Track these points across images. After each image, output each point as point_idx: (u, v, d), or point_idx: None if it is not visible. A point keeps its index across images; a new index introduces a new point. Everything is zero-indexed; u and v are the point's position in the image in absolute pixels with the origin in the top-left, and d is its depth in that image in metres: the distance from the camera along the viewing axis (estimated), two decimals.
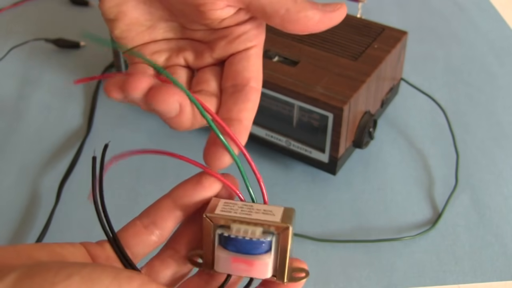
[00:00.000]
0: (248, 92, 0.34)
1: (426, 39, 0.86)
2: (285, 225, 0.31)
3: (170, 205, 0.34)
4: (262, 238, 0.31)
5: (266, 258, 0.31)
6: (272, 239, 0.31)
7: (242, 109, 0.34)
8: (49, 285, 0.25)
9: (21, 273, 0.26)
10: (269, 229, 0.31)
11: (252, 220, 0.31)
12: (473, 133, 0.70)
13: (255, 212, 0.32)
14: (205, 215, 0.32)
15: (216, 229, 0.32)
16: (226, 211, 0.32)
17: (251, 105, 0.34)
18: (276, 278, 0.32)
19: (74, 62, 0.79)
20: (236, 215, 0.31)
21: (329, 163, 0.60)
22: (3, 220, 0.58)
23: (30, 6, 0.91)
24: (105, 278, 0.26)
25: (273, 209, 0.32)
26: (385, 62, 0.63)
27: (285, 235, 0.31)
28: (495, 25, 0.90)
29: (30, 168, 0.64)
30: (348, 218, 0.60)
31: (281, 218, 0.31)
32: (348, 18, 0.69)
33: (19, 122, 0.70)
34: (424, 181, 0.63)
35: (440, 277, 0.54)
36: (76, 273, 0.26)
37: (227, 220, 0.31)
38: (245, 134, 0.34)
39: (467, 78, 0.79)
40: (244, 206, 0.32)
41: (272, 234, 0.31)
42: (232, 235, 0.31)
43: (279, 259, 0.31)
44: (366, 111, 0.62)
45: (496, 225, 0.59)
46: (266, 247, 0.31)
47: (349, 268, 0.55)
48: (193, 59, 0.36)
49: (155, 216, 0.34)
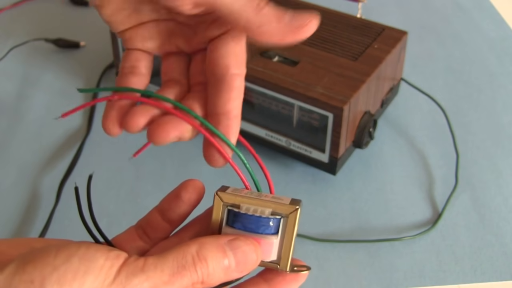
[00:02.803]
0: (230, 80, 0.33)
1: (426, 39, 0.86)
2: (294, 207, 0.31)
3: (158, 218, 0.35)
4: (271, 216, 0.31)
5: (273, 238, 0.31)
6: (280, 220, 0.31)
7: (227, 100, 0.33)
8: (51, 268, 0.27)
9: (21, 260, 0.27)
10: (277, 211, 0.31)
11: (262, 201, 0.32)
12: (473, 133, 0.70)
13: (264, 197, 0.32)
14: (216, 193, 0.32)
15: (226, 207, 0.32)
16: (237, 192, 0.33)
17: (235, 93, 0.33)
18: (278, 266, 0.32)
19: (74, 62, 0.79)
20: (246, 196, 0.32)
21: (329, 163, 0.60)
22: (3, 220, 0.58)
23: (30, 6, 0.91)
24: (99, 256, 0.27)
25: (281, 197, 0.33)
26: (385, 62, 0.63)
27: (293, 218, 0.31)
28: (495, 25, 0.90)
29: (30, 168, 0.64)
30: (348, 218, 0.60)
31: (289, 202, 0.32)
32: (348, 18, 0.69)
33: (19, 122, 0.70)
34: (424, 181, 0.63)
35: (440, 277, 0.54)
36: (74, 254, 0.27)
37: (238, 199, 0.32)
38: (236, 126, 0.34)
39: (467, 78, 0.79)
40: (253, 192, 0.33)
41: (281, 216, 0.31)
42: (242, 211, 0.31)
43: (284, 244, 0.32)
44: (366, 111, 0.62)
45: (496, 225, 0.59)
46: (274, 228, 0.31)
47: (349, 268, 0.55)
48: (184, 44, 0.36)
49: (147, 227, 0.35)
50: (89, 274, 0.27)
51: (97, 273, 0.27)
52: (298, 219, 0.31)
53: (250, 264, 0.30)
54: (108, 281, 0.27)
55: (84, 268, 0.27)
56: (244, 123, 0.63)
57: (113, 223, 0.57)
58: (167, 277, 0.28)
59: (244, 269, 0.30)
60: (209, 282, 0.29)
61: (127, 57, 0.36)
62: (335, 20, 0.69)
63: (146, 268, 0.28)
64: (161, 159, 0.65)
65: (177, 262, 0.28)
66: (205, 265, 0.29)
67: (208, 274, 0.29)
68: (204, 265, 0.29)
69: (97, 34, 0.84)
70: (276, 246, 0.32)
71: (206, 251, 0.29)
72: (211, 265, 0.29)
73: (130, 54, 0.36)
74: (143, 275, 0.28)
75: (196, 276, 0.29)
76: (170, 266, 0.28)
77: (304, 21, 0.32)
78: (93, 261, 0.27)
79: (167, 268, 0.28)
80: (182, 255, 0.29)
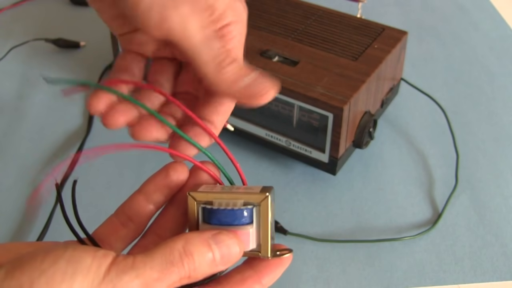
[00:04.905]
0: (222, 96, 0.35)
1: (426, 39, 0.86)
2: (264, 194, 0.32)
3: (142, 200, 0.36)
4: (243, 207, 0.32)
5: (249, 228, 0.32)
6: (253, 209, 0.32)
7: (214, 112, 0.35)
8: (39, 272, 0.27)
9: (9, 266, 0.27)
10: (249, 201, 0.32)
11: (233, 194, 0.33)
12: (473, 133, 0.70)
13: (236, 189, 0.33)
14: (188, 193, 0.33)
15: (200, 205, 0.33)
16: (208, 189, 0.33)
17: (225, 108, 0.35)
18: (260, 253, 0.33)
19: (74, 62, 0.79)
20: (218, 191, 0.33)
21: (329, 163, 0.60)
22: (3, 220, 0.59)
23: (30, 6, 0.91)
24: (86, 256, 0.28)
25: (252, 187, 0.33)
26: (385, 62, 0.63)
27: (265, 205, 0.32)
28: (495, 25, 0.90)
29: (30, 168, 0.64)
30: (348, 218, 0.60)
31: (260, 190, 0.33)
32: (348, 18, 0.69)
33: (19, 122, 0.70)
34: (424, 181, 0.64)
35: (440, 277, 0.54)
36: (61, 256, 0.27)
37: (210, 196, 0.33)
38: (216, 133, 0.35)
39: (467, 78, 0.79)
40: (225, 187, 0.34)
41: (253, 205, 0.32)
42: (215, 207, 0.32)
43: (261, 232, 0.32)
44: (366, 111, 0.62)
45: (496, 225, 0.59)
46: (248, 218, 0.32)
47: (349, 268, 0.55)
48: (178, 52, 0.37)
49: (130, 212, 0.36)
50: (77, 275, 0.27)
51: (85, 273, 0.27)
52: (271, 205, 0.32)
53: (234, 257, 0.31)
54: (98, 281, 0.27)
55: (71, 270, 0.27)
56: (244, 123, 0.63)
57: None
58: (156, 274, 0.28)
59: (228, 261, 0.31)
60: (195, 276, 0.30)
61: (122, 56, 0.37)
62: (335, 20, 0.69)
63: (135, 266, 0.28)
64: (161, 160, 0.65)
65: (165, 258, 0.29)
66: (192, 260, 0.29)
67: (194, 269, 0.29)
68: (191, 260, 0.29)
69: (97, 34, 0.84)
70: (254, 235, 0.32)
71: (192, 246, 0.30)
72: (197, 260, 0.30)
73: (126, 55, 0.37)
74: (133, 273, 0.28)
75: (183, 271, 0.29)
76: (159, 263, 0.29)
77: (262, 90, 0.32)
78: (80, 262, 0.27)
79: (156, 265, 0.29)
80: (170, 251, 0.29)
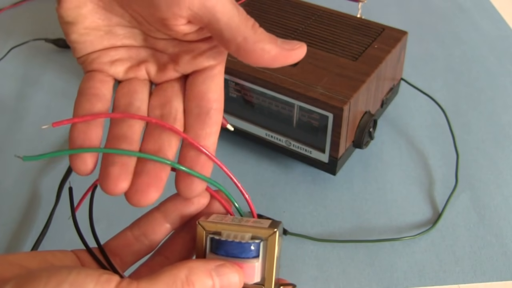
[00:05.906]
0: (213, 115, 0.35)
1: (426, 39, 0.86)
2: (272, 230, 0.33)
3: (160, 218, 0.36)
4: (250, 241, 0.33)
5: (254, 262, 0.32)
6: (260, 243, 0.33)
7: (209, 133, 0.34)
8: None
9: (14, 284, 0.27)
10: (257, 235, 0.33)
11: (242, 227, 0.33)
12: (473, 133, 0.70)
13: (245, 222, 0.34)
14: (198, 222, 0.34)
15: (208, 235, 0.33)
16: (218, 220, 0.34)
17: (216, 128, 0.35)
18: (264, 287, 0.33)
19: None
20: (227, 223, 0.33)
21: (329, 163, 0.60)
22: (3, 220, 0.59)
23: (30, 6, 0.91)
24: (89, 282, 0.28)
25: (261, 221, 0.34)
26: (385, 62, 0.63)
27: (272, 240, 0.32)
28: (495, 25, 0.90)
29: (30, 168, 0.64)
30: (348, 218, 0.60)
31: (268, 225, 0.33)
32: (348, 18, 0.69)
33: (19, 122, 0.70)
34: (424, 181, 0.63)
35: (440, 277, 0.54)
36: (64, 280, 0.27)
37: (219, 227, 0.33)
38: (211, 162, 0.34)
39: (467, 78, 0.79)
40: (235, 218, 0.35)
41: (260, 239, 0.33)
42: (223, 238, 0.33)
43: (267, 266, 0.33)
44: (366, 111, 0.62)
45: (496, 225, 0.59)
46: (254, 252, 0.33)
47: (349, 268, 0.55)
48: (155, 72, 0.36)
49: (146, 228, 0.36)
50: None
51: None
52: (278, 241, 0.33)
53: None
54: None
55: None
56: (244, 123, 0.63)
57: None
58: None
59: None
60: None
61: (89, 78, 0.35)
62: (335, 20, 0.69)
63: None
64: None
65: (168, 287, 0.29)
66: None
67: None
68: None
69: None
70: (259, 269, 0.33)
71: (195, 276, 0.30)
72: None
73: (94, 76, 0.35)
74: None
75: None
76: None
77: (295, 45, 0.33)
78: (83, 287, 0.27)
79: None
80: (173, 280, 0.30)
